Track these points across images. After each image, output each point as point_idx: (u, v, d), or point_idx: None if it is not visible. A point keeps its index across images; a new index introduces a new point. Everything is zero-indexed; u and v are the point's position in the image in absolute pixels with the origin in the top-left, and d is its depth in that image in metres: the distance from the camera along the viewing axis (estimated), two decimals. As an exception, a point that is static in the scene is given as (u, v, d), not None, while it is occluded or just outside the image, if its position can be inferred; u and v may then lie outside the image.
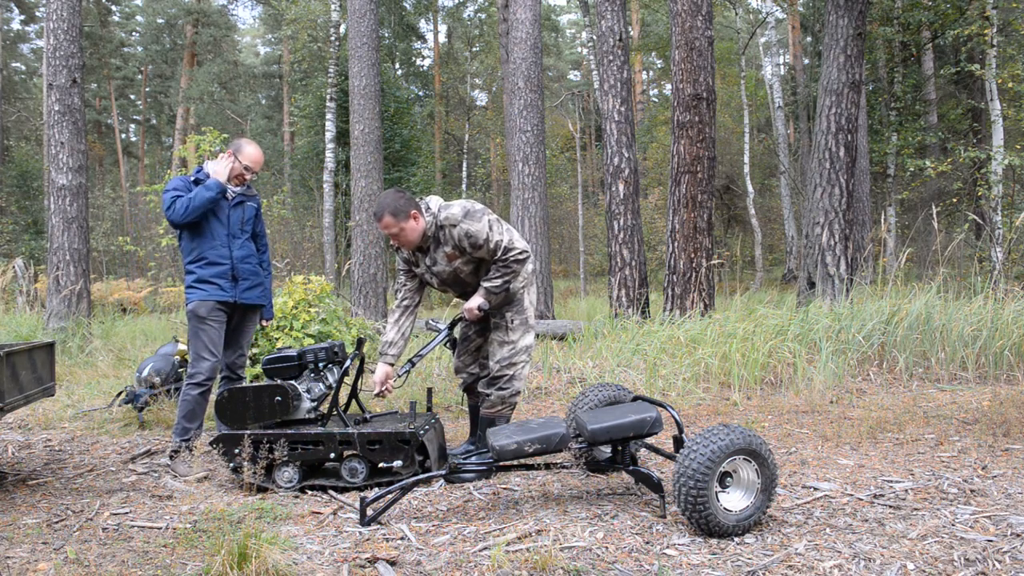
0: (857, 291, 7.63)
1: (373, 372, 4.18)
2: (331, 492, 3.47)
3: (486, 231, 3.57)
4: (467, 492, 3.49)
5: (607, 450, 3.57)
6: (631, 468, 3.24)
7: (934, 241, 7.21)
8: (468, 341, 4.01)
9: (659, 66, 30.68)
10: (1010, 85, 11.29)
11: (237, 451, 3.48)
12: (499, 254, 3.60)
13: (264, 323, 4.34)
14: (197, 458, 3.86)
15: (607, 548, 2.74)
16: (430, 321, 3.83)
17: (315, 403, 3.69)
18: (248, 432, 3.51)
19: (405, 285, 3.86)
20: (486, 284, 3.60)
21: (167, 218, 3.82)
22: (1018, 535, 2.76)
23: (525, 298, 3.79)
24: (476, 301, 3.63)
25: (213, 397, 3.93)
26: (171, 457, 3.90)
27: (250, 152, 4.03)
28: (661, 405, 3.39)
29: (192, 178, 3.96)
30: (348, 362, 3.77)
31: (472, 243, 3.59)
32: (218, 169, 3.90)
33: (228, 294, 3.93)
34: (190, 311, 3.86)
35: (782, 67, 25.14)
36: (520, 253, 3.61)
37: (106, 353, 7.45)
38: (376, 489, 3.45)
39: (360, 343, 3.79)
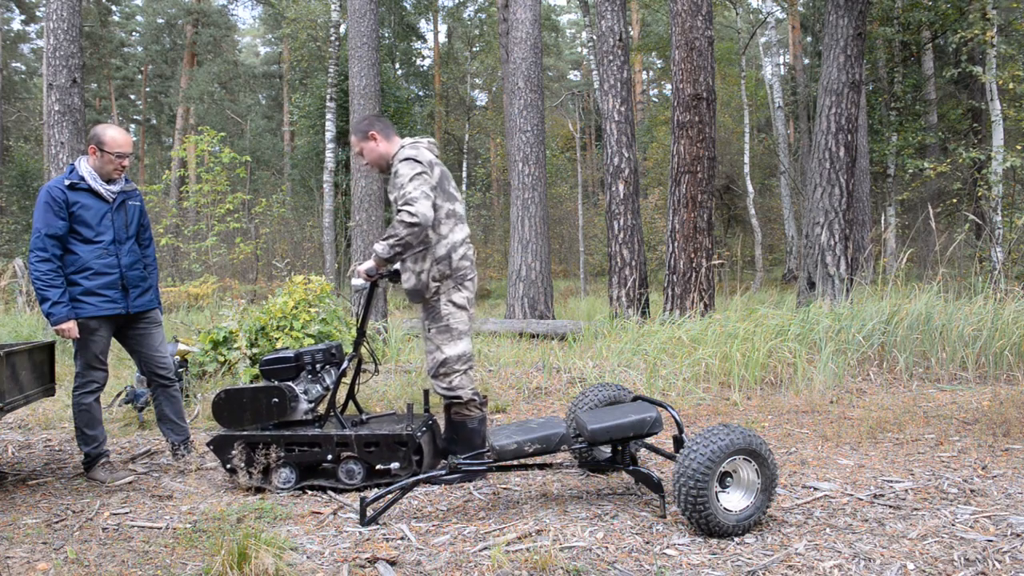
0: (857, 291, 7.62)
1: (371, 372, 4.17)
2: (331, 492, 3.47)
3: (408, 176, 3.39)
4: (467, 492, 3.49)
5: (607, 450, 3.57)
6: (631, 468, 3.23)
7: (934, 241, 7.21)
8: None
9: (659, 66, 30.66)
10: (1011, 86, 11.29)
11: (234, 452, 3.47)
12: (397, 204, 3.37)
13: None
14: (119, 463, 3.91)
15: (607, 548, 2.74)
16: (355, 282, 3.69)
17: (312, 404, 3.68)
18: (245, 433, 3.50)
19: None
20: (375, 245, 3.39)
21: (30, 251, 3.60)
22: (1018, 535, 2.76)
23: (442, 304, 3.54)
24: (365, 264, 3.47)
25: (212, 397, 3.93)
26: (87, 468, 3.81)
27: (114, 136, 3.65)
28: (661, 405, 3.39)
29: (67, 182, 3.63)
30: (346, 363, 3.77)
31: (394, 183, 3.46)
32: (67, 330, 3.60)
33: (120, 306, 3.73)
34: (80, 326, 3.63)
35: (782, 67, 25.14)
36: (409, 215, 3.26)
37: (106, 353, 7.44)
38: (376, 489, 3.45)
39: (358, 344, 3.78)
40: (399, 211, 3.33)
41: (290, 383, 3.62)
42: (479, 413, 3.65)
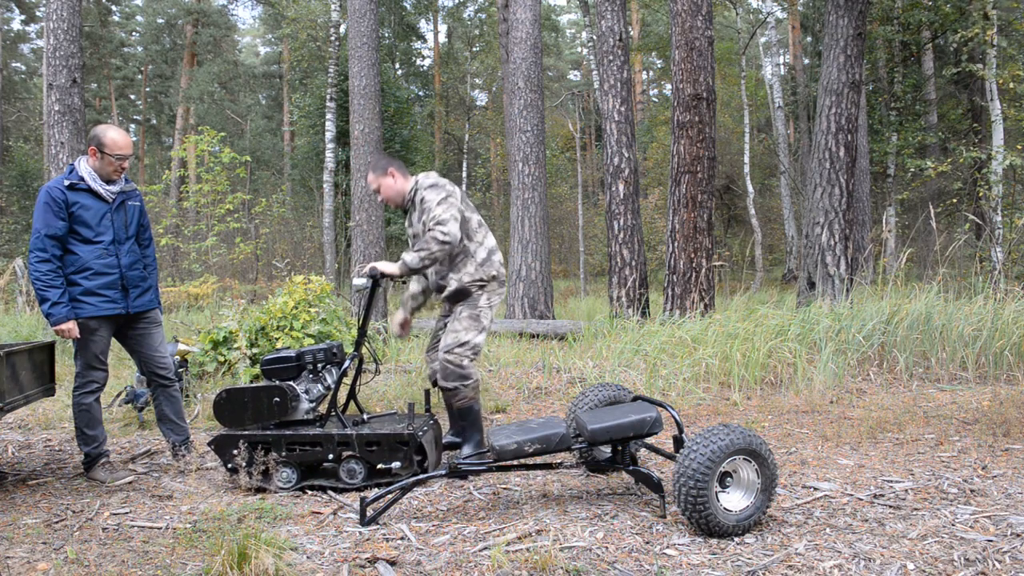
0: (857, 291, 7.62)
1: (372, 372, 4.19)
2: (331, 492, 3.47)
3: (436, 201, 3.72)
4: (467, 492, 3.49)
5: (607, 450, 3.57)
6: (631, 468, 3.23)
7: (934, 241, 7.21)
8: (437, 335, 4.10)
9: (659, 66, 30.65)
10: (1011, 85, 11.29)
11: (235, 452, 3.47)
12: (429, 225, 3.66)
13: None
14: (119, 463, 3.93)
15: (607, 548, 2.74)
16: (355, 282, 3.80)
17: (313, 404, 3.69)
18: (246, 433, 3.50)
19: None
20: (404, 255, 3.63)
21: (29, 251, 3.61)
22: (1018, 535, 2.76)
23: (482, 298, 3.82)
24: (387, 265, 3.62)
25: (212, 397, 3.92)
26: (87, 468, 3.81)
27: (115, 139, 3.64)
28: (661, 405, 3.39)
29: (67, 182, 3.62)
30: (347, 363, 3.77)
31: (422, 207, 3.79)
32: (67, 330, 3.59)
33: (120, 306, 3.72)
34: (80, 326, 3.62)
35: (782, 67, 25.12)
36: (443, 234, 3.59)
37: (106, 353, 7.43)
38: (376, 489, 3.45)
39: (359, 344, 3.78)
40: (431, 230, 3.63)
41: (291, 383, 3.63)
42: (476, 396, 3.85)
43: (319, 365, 3.81)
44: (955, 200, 13.33)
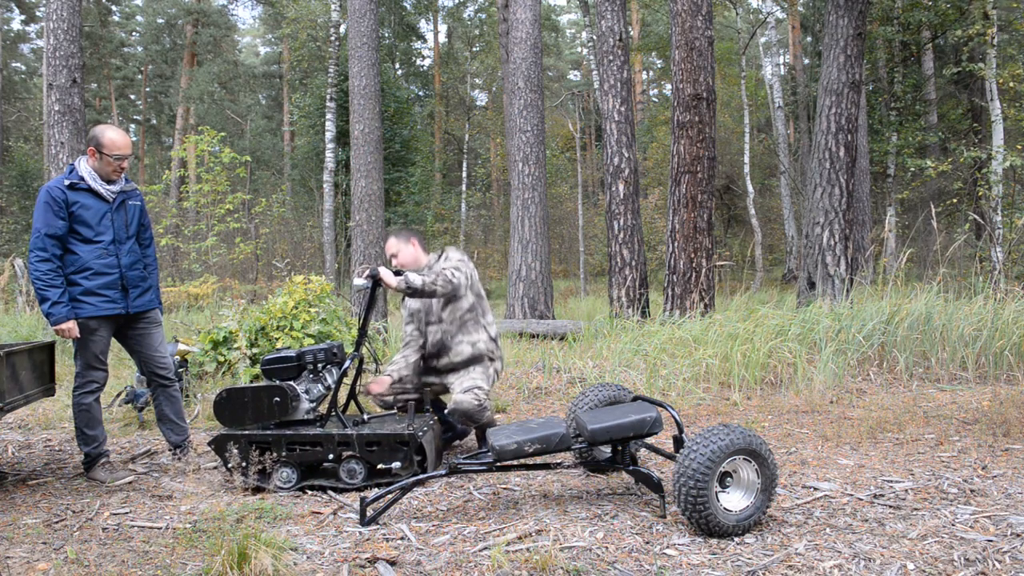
0: (857, 291, 7.63)
1: (372, 372, 4.20)
2: (331, 492, 3.47)
3: (458, 258, 4.07)
4: (467, 492, 3.49)
5: (607, 450, 3.57)
6: (631, 468, 3.23)
7: (934, 241, 7.21)
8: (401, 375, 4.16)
9: (659, 66, 30.66)
10: (1011, 85, 11.29)
11: (235, 452, 3.47)
12: (444, 266, 3.99)
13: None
14: (119, 463, 3.95)
15: (607, 548, 2.74)
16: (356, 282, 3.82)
17: (313, 404, 3.68)
18: (246, 433, 3.50)
19: (408, 324, 4.23)
20: (408, 274, 3.73)
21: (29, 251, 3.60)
22: (1018, 535, 2.76)
23: (491, 368, 4.08)
24: (388, 275, 3.67)
25: (212, 397, 3.92)
26: (87, 468, 3.81)
27: (113, 138, 3.63)
28: (661, 405, 3.39)
29: (67, 182, 3.62)
30: (347, 363, 3.77)
31: (443, 259, 4.09)
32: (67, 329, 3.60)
33: (119, 306, 3.72)
34: (80, 326, 3.62)
35: (782, 67, 25.13)
36: (452, 275, 3.86)
37: (106, 353, 7.43)
38: (376, 489, 3.45)
39: (359, 344, 3.78)
40: (445, 269, 3.90)
41: (292, 382, 3.62)
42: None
43: (319, 365, 3.80)
44: (955, 200, 13.33)
